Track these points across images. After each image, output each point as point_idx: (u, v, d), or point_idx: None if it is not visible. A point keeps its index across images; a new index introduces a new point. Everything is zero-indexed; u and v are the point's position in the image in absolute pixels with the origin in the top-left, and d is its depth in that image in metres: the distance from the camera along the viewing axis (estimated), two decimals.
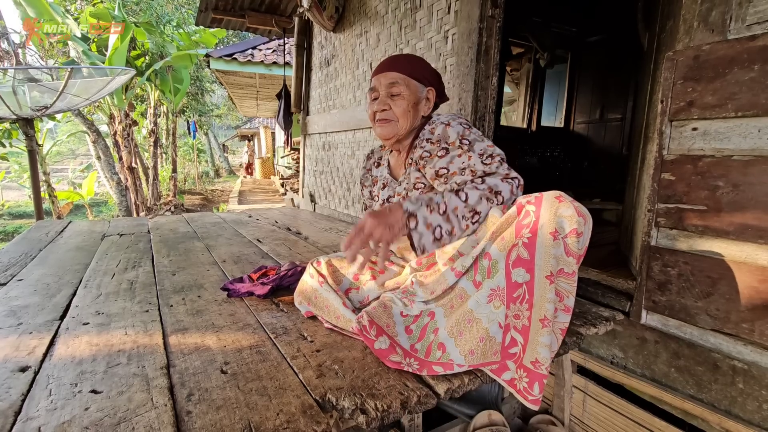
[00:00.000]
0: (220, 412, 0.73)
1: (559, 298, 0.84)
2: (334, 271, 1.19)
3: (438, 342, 0.90)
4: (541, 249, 0.82)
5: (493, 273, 0.87)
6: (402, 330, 0.93)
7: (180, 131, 15.08)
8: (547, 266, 0.81)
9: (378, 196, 1.29)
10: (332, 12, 3.05)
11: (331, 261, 1.21)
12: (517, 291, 0.84)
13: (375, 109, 1.17)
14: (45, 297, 1.32)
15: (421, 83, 1.18)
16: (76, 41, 6.85)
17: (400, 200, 1.03)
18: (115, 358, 0.92)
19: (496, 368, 0.88)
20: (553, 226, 0.81)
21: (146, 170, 9.90)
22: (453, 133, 1.07)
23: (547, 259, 0.81)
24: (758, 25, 0.96)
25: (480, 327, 0.87)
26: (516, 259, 0.84)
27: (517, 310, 0.85)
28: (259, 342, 1.01)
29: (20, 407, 0.74)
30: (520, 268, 0.84)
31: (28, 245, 2.07)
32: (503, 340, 0.87)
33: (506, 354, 0.87)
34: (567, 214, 0.81)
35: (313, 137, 3.87)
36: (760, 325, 0.96)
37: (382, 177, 1.31)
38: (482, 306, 0.87)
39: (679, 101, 1.09)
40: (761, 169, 0.95)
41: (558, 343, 0.87)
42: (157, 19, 8.16)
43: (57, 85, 4.43)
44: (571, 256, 0.82)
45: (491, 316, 0.87)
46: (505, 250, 0.86)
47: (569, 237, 0.80)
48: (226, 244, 2.14)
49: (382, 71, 1.17)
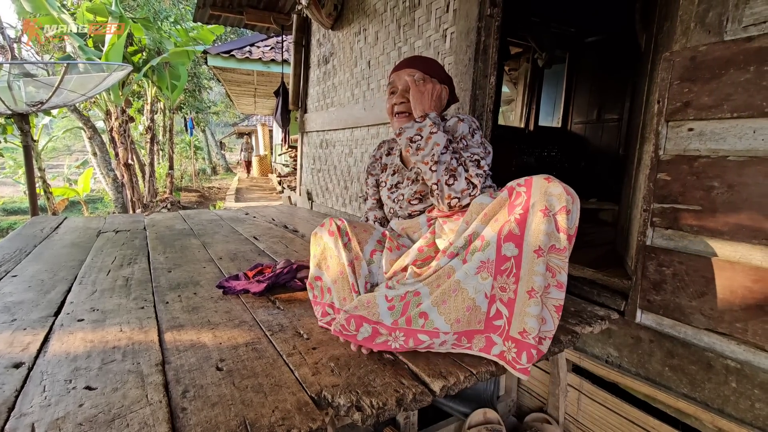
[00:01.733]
0: (215, 408, 0.73)
1: (551, 273, 0.87)
2: (356, 233, 1.19)
3: (420, 311, 0.92)
4: (532, 225, 0.86)
5: (483, 248, 0.90)
6: (385, 309, 0.94)
7: (177, 128, 15.02)
8: (537, 241, 0.86)
9: (387, 181, 1.37)
10: (331, 9, 3.04)
11: (355, 224, 1.21)
12: (505, 264, 0.89)
13: (393, 102, 1.25)
14: (39, 293, 1.31)
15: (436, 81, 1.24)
16: (72, 36, 6.80)
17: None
18: (110, 355, 0.92)
19: (483, 345, 0.92)
20: (543, 204, 0.86)
21: (143, 167, 9.85)
22: (461, 128, 1.15)
23: (537, 235, 0.86)
24: (755, 27, 0.96)
25: (466, 296, 0.90)
26: (507, 234, 0.89)
27: (503, 283, 0.89)
28: (255, 339, 1.01)
29: (14, 403, 0.74)
30: (510, 242, 0.88)
31: (23, 241, 2.06)
32: (488, 311, 0.91)
33: (490, 325, 0.91)
34: (556, 192, 0.86)
35: (311, 135, 3.86)
36: (753, 325, 0.97)
37: (392, 164, 1.38)
38: (470, 277, 0.90)
39: (676, 102, 1.09)
40: (756, 170, 0.95)
41: (554, 322, 0.89)
42: (154, 15, 8.11)
43: (53, 80, 4.40)
44: (561, 232, 0.86)
45: (478, 286, 0.90)
46: (495, 229, 0.91)
47: (559, 214, 0.85)
48: (223, 242, 2.13)
49: (401, 68, 1.25)
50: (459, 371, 0.88)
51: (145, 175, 9.61)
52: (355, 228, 1.19)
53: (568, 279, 0.90)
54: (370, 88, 2.75)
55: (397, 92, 1.25)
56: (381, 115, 2.54)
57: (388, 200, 1.35)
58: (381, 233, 1.24)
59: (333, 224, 1.16)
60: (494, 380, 1.54)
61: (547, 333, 0.89)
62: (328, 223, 1.18)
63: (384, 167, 1.42)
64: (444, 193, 1.04)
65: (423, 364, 0.90)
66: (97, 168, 8.83)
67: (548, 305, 0.89)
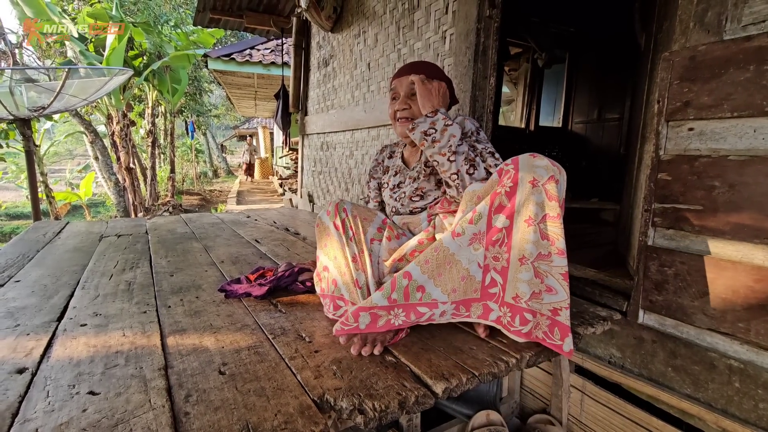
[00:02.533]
0: (218, 413, 0.73)
1: (550, 241, 0.89)
2: (360, 222, 1.21)
3: (416, 285, 0.95)
4: (521, 196, 0.90)
5: (475, 220, 0.93)
6: (378, 296, 0.96)
7: (178, 131, 15.06)
8: (527, 212, 0.89)
9: (389, 182, 1.42)
10: (330, 12, 3.05)
11: (357, 210, 1.23)
12: (497, 235, 0.92)
13: (396, 108, 1.29)
14: (42, 298, 1.32)
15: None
16: (73, 41, 6.83)
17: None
18: (112, 360, 0.92)
19: (480, 312, 0.96)
20: (531, 175, 0.89)
21: (144, 171, 9.87)
22: (468, 125, 1.21)
23: (527, 205, 0.89)
24: (754, 26, 0.96)
25: (460, 267, 0.94)
26: (498, 206, 0.92)
27: (496, 252, 0.92)
28: (257, 342, 1.01)
29: (17, 409, 0.74)
30: (500, 214, 0.92)
31: (26, 246, 2.07)
32: (483, 279, 0.94)
33: (486, 293, 0.94)
34: (542, 164, 0.90)
35: (312, 137, 3.87)
36: (755, 325, 0.96)
37: (394, 166, 1.43)
38: (463, 249, 0.94)
39: (676, 101, 1.09)
40: (757, 169, 0.95)
41: (566, 291, 0.90)
42: (154, 19, 8.15)
43: (54, 85, 4.42)
44: (553, 200, 0.88)
45: (471, 257, 0.93)
46: (488, 203, 0.94)
47: (548, 183, 0.88)
48: (225, 245, 2.14)
49: (402, 74, 1.29)
50: (461, 373, 0.88)
51: (147, 178, 9.63)
52: (356, 218, 1.20)
53: (570, 281, 0.91)
54: (370, 90, 2.76)
55: (399, 98, 1.28)
56: (381, 116, 2.55)
57: (390, 199, 1.38)
58: (381, 220, 1.26)
59: (338, 216, 1.17)
60: (497, 382, 1.53)
61: (562, 303, 0.90)
62: (333, 213, 1.18)
63: (386, 170, 1.47)
64: (465, 182, 1.07)
65: (425, 367, 0.90)
66: (98, 172, 8.86)
67: (554, 274, 0.89)
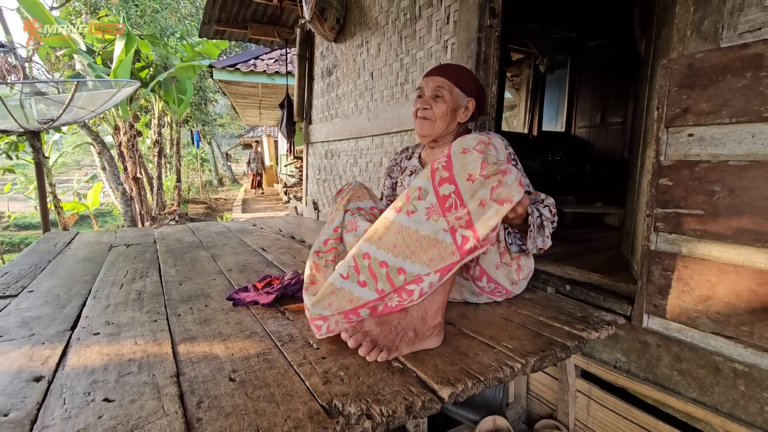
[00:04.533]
0: (229, 418, 0.75)
1: (497, 177, 0.90)
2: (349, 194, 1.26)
3: (396, 268, 0.95)
4: (457, 163, 0.93)
5: (423, 196, 0.95)
6: (357, 288, 0.98)
7: (184, 141, 15.21)
8: (465, 172, 0.92)
9: (404, 182, 1.48)
10: (333, 23, 3.10)
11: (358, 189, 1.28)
12: (448, 201, 0.93)
13: (418, 106, 1.34)
14: (56, 308, 1.35)
15: (464, 92, 1.34)
16: (81, 54, 6.96)
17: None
18: (126, 367, 0.94)
19: (468, 260, 0.97)
20: (461, 146, 0.94)
21: (150, 180, 9.98)
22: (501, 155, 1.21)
23: (463, 168, 0.92)
24: (750, 34, 0.98)
25: (429, 239, 0.94)
26: (439, 180, 0.94)
27: (456, 215, 0.93)
28: (265, 350, 1.03)
29: (36, 416, 0.76)
30: (445, 184, 0.94)
31: (38, 257, 2.11)
32: (455, 240, 0.94)
33: (464, 251, 0.94)
34: (470, 136, 0.96)
35: (316, 146, 3.91)
36: (759, 328, 0.97)
37: (411, 166, 1.48)
38: (423, 224, 0.95)
39: (675, 108, 1.11)
40: (756, 174, 0.96)
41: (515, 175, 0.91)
42: (161, 32, 8.29)
43: (63, 98, 4.51)
44: (487, 155, 0.92)
45: (434, 227, 0.94)
46: (429, 178, 0.96)
47: (478, 145, 0.93)
48: (232, 254, 2.17)
49: (432, 75, 1.34)
50: (467, 378, 0.89)
51: (153, 188, 9.74)
52: (351, 192, 1.26)
53: (573, 284, 0.93)
54: (373, 99, 2.79)
55: (423, 97, 1.34)
56: (385, 125, 2.58)
57: None
58: (371, 207, 1.26)
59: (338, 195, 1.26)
60: (503, 387, 1.54)
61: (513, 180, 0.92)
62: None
63: (403, 170, 1.53)
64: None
65: (431, 372, 0.91)
66: (106, 182, 8.97)
67: (510, 186, 0.91)
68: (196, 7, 10.59)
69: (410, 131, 2.35)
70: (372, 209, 1.25)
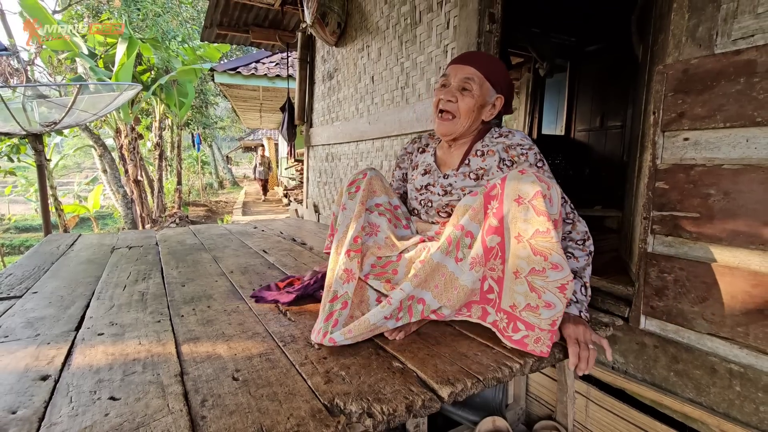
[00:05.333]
0: (233, 416, 0.77)
1: (542, 257, 0.89)
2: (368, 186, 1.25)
3: (432, 308, 1.01)
4: (509, 215, 0.92)
5: (473, 245, 0.98)
6: (389, 322, 1.01)
7: (185, 144, 15.26)
8: (516, 228, 0.91)
9: (415, 179, 1.32)
10: (335, 27, 3.13)
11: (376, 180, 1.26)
12: (492, 252, 0.96)
13: (442, 97, 1.18)
14: (60, 309, 1.36)
15: (494, 88, 1.18)
16: (83, 58, 7.00)
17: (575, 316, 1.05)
18: (130, 367, 0.96)
19: (480, 314, 1.02)
20: (516, 193, 0.91)
21: (151, 183, 10.01)
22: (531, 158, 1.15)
23: (515, 222, 0.91)
24: (743, 40, 1.00)
25: (466, 290, 0.99)
26: (488, 229, 0.96)
27: (492, 265, 0.97)
28: (268, 350, 1.05)
29: (43, 414, 0.78)
30: (493, 235, 0.95)
31: (41, 259, 2.12)
32: (481, 287, 1.00)
33: (484, 298, 1.00)
34: (528, 181, 0.91)
35: (317, 149, 3.93)
36: (754, 329, 0.99)
37: (425, 164, 1.32)
38: (466, 273, 0.98)
39: (671, 112, 1.13)
40: (750, 178, 0.98)
41: (561, 302, 0.90)
42: (162, 35, 8.34)
43: (65, 101, 4.54)
44: (541, 215, 0.88)
45: (474, 278, 0.98)
46: (480, 224, 0.98)
47: (535, 199, 0.89)
48: (233, 255, 2.18)
49: (462, 63, 1.17)
50: (466, 378, 0.91)
51: (154, 190, 9.76)
52: (370, 182, 1.24)
53: None
54: (374, 103, 2.82)
55: (448, 86, 1.17)
56: (385, 128, 2.60)
57: (415, 201, 1.32)
58: (388, 202, 1.26)
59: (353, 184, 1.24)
60: (502, 388, 1.55)
61: (558, 315, 0.91)
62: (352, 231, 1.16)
63: (415, 165, 1.38)
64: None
65: (431, 372, 0.93)
66: (106, 185, 9.00)
67: (551, 289, 0.90)
68: (198, 11, 10.66)
69: (411, 135, 2.38)
70: (389, 205, 1.26)
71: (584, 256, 1.08)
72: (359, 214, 1.18)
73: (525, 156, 1.14)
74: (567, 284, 0.89)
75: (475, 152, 1.21)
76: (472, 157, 1.21)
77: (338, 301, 1.09)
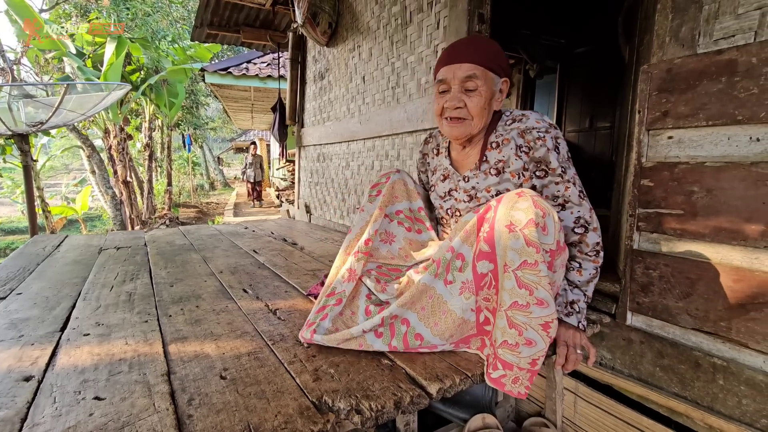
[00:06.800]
0: (220, 414, 0.76)
1: (528, 290, 0.83)
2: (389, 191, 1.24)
3: (414, 332, 0.98)
4: (499, 242, 0.87)
5: (463, 268, 0.95)
6: (372, 337, 1.00)
7: (175, 144, 15.11)
8: (504, 257, 0.86)
9: (436, 186, 1.24)
10: (325, 27, 3.13)
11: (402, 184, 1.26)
12: (484, 280, 0.92)
13: (446, 105, 1.06)
14: (45, 310, 1.34)
15: (497, 74, 1.06)
16: (71, 57, 6.91)
17: (573, 328, 1.03)
18: (116, 367, 0.95)
19: (479, 345, 0.98)
20: (508, 219, 0.86)
21: (141, 184, 9.90)
22: (555, 160, 1.03)
23: (504, 250, 0.86)
24: (724, 40, 1.02)
25: (455, 317, 0.95)
26: (479, 253, 0.92)
27: (486, 295, 0.93)
28: (257, 348, 1.04)
29: (26, 414, 0.77)
30: (483, 260, 0.91)
31: (26, 260, 2.09)
32: (477, 319, 0.96)
33: (481, 329, 0.96)
34: (523, 207, 0.85)
35: (308, 149, 3.92)
36: (736, 323, 1.00)
37: (442, 167, 1.23)
38: (455, 297, 0.95)
39: (655, 111, 1.15)
40: (731, 175, 1.00)
41: (544, 341, 0.85)
42: (152, 35, 8.25)
43: (52, 100, 4.47)
44: (531, 246, 0.83)
45: (464, 305, 0.94)
46: (472, 246, 0.94)
47: (527, 228, 0.83)
48: (223, 256, 2.17)
49: (457, 61, 1.04)
50: (455, 374, 0.91)
51: (144, 192, 9.65)
52: (392, 187, 1.24)
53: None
54: (365, 103, 2.82)
55: (449, 92, 1.06)
56: (377, 128, 2.60)
57: (441, 209, 1.25)
58: (409, 208, 1.25)
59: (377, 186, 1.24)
60: None
61: (540, 353, 0.86)
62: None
63: (434, 169, 1.28)
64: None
65: (420, 369, 0.93)
66: (95, 186, 8.87)
67: (534, 326, 0.84)
68: (188, 10, 10.57)
69: (402, 135, 2.38)
70: (409, 211, 1.25)
71: (592, 268, 1.04)
72: (376, 219, 1.18)
73: (542, 140, 1.02)
74: (551, 323, 0.84)
75: (490, 145, 1.10)
76: (488, 151, 1.10)
77: (334, 297, 1.12)
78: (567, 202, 1.05)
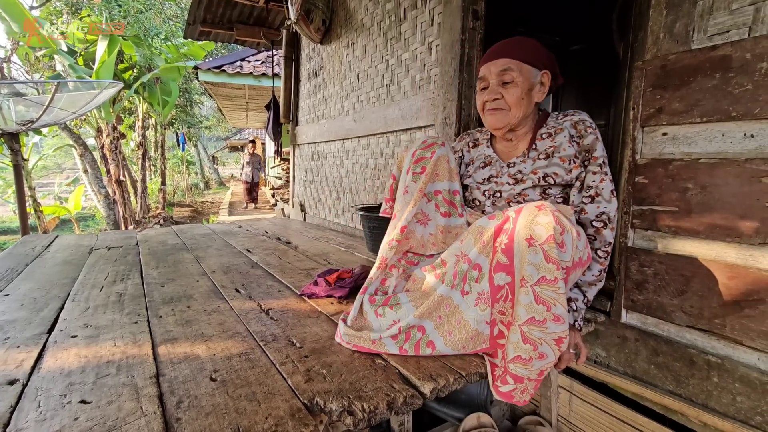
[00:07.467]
0: (209, 417, 0.75)
1: (546, 306, 0.83)
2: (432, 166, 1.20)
3: (427, 340, 0.97)
4: (518, 255, 0.86)
5: (480, 279, 0.93)
6: (391, 342, 0.99)
7: (169, 143, 15.01)
8: (522, 271, 0.85)
9: (474, 175, 1.25)
10: (319, 24, 3.10)
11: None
12: (500, 292, 0.91)
13: (485, 99, 1.13)
14: (32, 311, 1.32)
15: (535, 67, 1.11)
16: (62, 55, 6.82)
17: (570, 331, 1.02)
18: (104, 369, 0.93)
19: (491, 354, 0.96)
20: (528, 233, 0.84)
21: (135, 183, 9.81)
22: (600, 150, 1.09)
23: (522, 264, 0.85)
24: (719, 36, 1.01)
25: (469, 328, 0.94)
26: (496, 265, 0.90)
27: (501, 308, 0.92)
28: (248, 349, 1.03)
29: (9, 419, 0.75)
30: (501, 272, 0.90)
31: (14, 260, 2.05)
32: (491, 332, 0.94)
33: (495, 343, 0.94)
34: (543, 221, 0.83)
35: (303, 147, 3.90)
36: (730, 321, 1.00)
37: (482, 155, 1.25)
38: (470, 308, 0.94)
39: (649, 108, 1.14)
40: (726, 171, 1.00)
41: (554, 354, 0.85)
42: (145, 33, 8.16)
43: (43, 99, 4.40)
44: (551, 262, 0.82)
45: (479, 317, 0.93)
46: (488, 257, 0.93)
47: (546, 244, 0.82)
48: (216, 255, 2.15)
49: (492, 58, 1.12)
50: (449, 374, 0.90)
51: (137, 191, 9.57)
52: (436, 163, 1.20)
53: None
54: (359, 100, 2.80)
55: (488, 88, 1.13)
56: (371, 126, 2.59)
57: (478, 192, 1.24)
58: (447, 189, 1.21)
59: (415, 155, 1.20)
60: (487, 385, 1.55)
61: (548, 365, 0.87)
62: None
63: (469, 161, 1.30)
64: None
65: (413, 368, 0.92)
66: (88, 185, 8.78)
67: (548, 341, 0.85)
68: (181, 8, 10.47)
69: (396, 132, 2.37)
70: (449, 193, 1.20)
71: (597, 270, 1.06)
72: (415, 202, 1.15)
73: (592, 129, 1.10)
74: (565, 338, 0.85)
75: (540, 136, 1.15)
76: (538, 141, 1.15)
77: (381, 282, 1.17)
78: (598, 195, 1.06)
